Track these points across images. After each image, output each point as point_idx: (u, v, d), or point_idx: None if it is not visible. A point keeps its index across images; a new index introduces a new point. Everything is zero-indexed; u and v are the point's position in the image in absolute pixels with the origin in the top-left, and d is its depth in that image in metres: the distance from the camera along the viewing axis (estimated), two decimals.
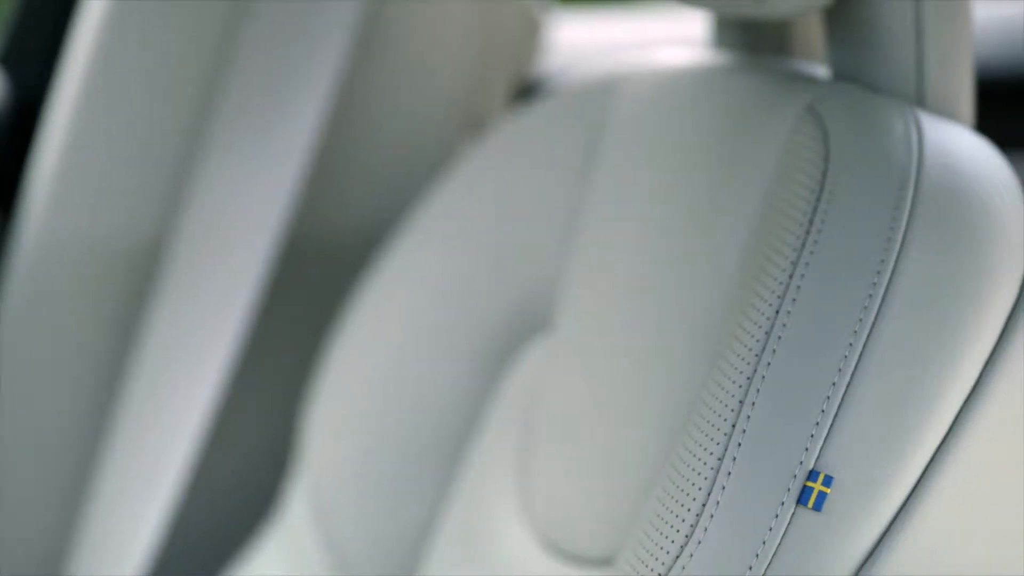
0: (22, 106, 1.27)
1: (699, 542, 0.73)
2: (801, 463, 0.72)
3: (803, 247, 0.77)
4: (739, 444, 0.73)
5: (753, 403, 0.74)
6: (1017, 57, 1.37)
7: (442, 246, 1.07)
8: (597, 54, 1.36)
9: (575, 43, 1.45)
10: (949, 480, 0.73)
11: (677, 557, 0.73)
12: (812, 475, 0.72)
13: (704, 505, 0.73)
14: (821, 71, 0.92)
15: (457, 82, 1.30)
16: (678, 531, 0.74)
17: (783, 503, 0.72)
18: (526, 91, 1.35)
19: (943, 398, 0.73)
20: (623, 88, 1.00)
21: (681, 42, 1.18)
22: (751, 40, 0.98)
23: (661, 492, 0.76)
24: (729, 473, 0.73)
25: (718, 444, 0.74)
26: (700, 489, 0.74)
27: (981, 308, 0.74)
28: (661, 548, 0.74)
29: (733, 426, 0.74)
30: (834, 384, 0.73)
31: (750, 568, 0.72)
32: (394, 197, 1.27)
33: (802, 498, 0.72)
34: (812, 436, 0.72)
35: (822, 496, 0.72)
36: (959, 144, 0.80)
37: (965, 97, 0.86)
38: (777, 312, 0.75)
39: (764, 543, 0.72)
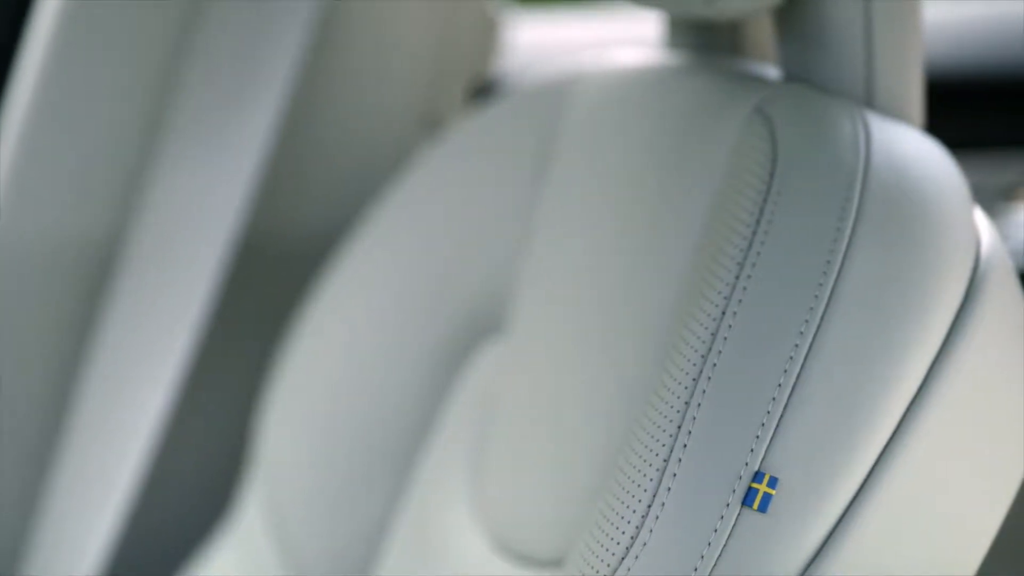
0: None
1: (644, 543, 0.73)
2: (746, 464, 0.72)
3: (750, 247, 0.76)
4: (684, 445, 0.73)
5: (699, 404, 0.74)
6: (970, 58, 1.37)
7: (397, 246, 1.07)
8: (555, 54, 1.36)
9: (533, 43, 1.45)
10: (895, 480, 0.73)
11: (623, 559, 0.73)
12: (757, 476, 0.72)
13: (650, 506, 0.73)
14: (772, 72, 0.92)
15: (415, 82, 1.30)
16: (624, 532, 0.74)
17: (728, 504, 0.72)
18: (483, 91, 1.35)
19: (889, 398, 0.73)
20: (577, 89, 1.00)
21: (636, 43, 1.18)
22: (703, 41, 0.98)
23: (609, 493, 0.76)
24: (675, 474, 0.73)
25: (664, 445, 0.74)
26: (646, 490, 0.74)
27: (927, 308, 0.75)
28: (607, 549, 0.74)
29: (679, 427, 0.74)
30: (780, 385, 0.73)
31: (695, 569, 0.71)
32: (351, 196, 1.27)
33: (747, 499, 0.72)
34: (758, 437, 0.72)
35: (767, 498, 0.71)
36: (907, 145, 0.81)
37: (915, 98, 0.86)
38: (724, 313, 0.75)
39: (709, 544, 0.72)
